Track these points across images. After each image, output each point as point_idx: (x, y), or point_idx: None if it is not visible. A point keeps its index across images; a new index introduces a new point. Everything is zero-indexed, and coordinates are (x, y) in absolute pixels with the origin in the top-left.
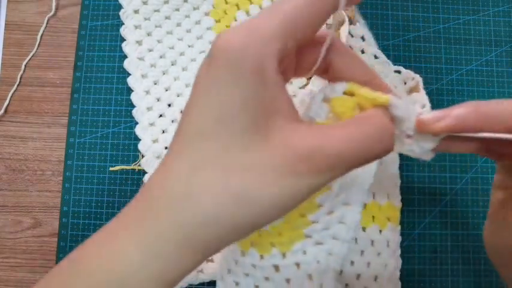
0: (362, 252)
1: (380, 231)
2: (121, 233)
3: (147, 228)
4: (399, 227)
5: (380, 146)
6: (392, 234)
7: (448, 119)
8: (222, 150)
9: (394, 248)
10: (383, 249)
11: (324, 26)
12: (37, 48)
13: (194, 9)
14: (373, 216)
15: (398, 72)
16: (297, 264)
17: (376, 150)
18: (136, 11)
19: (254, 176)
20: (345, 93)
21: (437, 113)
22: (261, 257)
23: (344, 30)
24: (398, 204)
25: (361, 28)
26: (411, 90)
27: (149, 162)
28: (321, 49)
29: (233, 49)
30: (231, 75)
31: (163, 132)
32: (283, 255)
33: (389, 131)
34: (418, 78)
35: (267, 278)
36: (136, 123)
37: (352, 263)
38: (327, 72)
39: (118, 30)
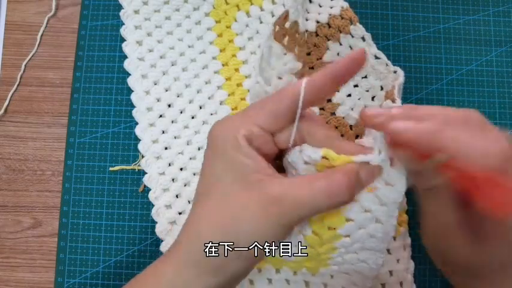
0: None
1: (394, 238)
2: (162, 260)
3: (173, 257)
4: (407, 228)
5: (331, 199)
6: (405, 237)
7: (383, 116)
8: (217, 201)
9: (409, 249)
10: (401, 254)
11: None
12: (37, 48)
13: (194, 9)
14: None
15: (395, 72)
16: (324, 284)
17: (327, 202)
18: (136, 11)
19: (238, 216)
20: (322, 157)
21: (379, 109)
22: (294, 273)
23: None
24: (404, 206)
25: (361, 29)
26: (386, 96)
27: (149, 163)
28: (292, 132)
29: (217, 137)
30: (216, 153)
31: (163, 132)
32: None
33: (341, 186)
34: (398, 82)
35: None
36: (137, 123)
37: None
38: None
39: (118, 30)
